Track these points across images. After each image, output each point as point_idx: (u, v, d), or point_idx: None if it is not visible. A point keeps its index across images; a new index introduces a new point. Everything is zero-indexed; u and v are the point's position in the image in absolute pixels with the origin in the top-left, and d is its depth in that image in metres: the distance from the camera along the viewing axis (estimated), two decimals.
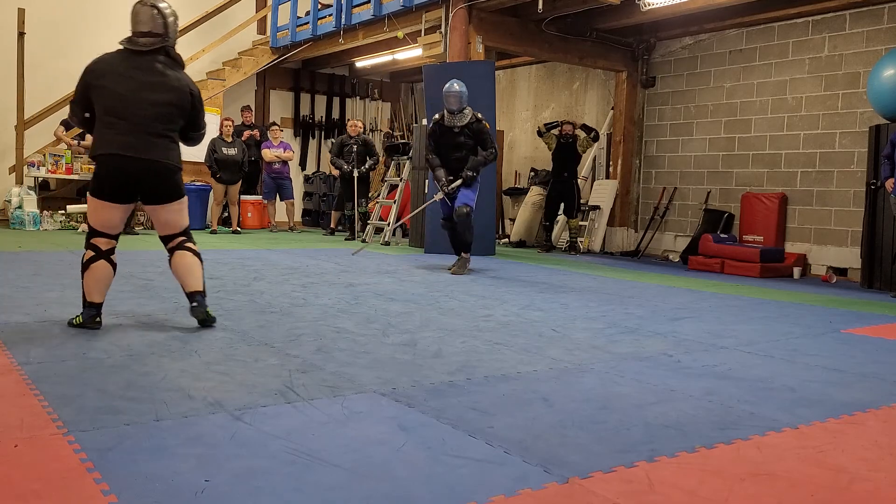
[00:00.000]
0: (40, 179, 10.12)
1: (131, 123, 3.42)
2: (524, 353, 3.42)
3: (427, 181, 8.74)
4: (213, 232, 10.38)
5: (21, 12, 9.98)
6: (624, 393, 2.79)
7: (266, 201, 11.35)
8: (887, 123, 7.12)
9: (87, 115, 3.54)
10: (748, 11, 8.49)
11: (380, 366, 3.05)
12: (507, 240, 11.08)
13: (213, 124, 11.14)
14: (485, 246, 8.59)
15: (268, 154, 10.99)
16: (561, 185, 9.67)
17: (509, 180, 12.00)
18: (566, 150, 9.65)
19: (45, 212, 9.88)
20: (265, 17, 12.24)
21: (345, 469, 1.91)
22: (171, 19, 3.54)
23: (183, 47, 12.39)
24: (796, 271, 8.23)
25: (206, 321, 3.64)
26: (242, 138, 10.79)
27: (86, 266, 3.49)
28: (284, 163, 11.11)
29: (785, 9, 8.34)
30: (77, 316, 3.55)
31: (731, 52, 9.30)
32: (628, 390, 2.84)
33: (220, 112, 11.50)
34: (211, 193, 10.74)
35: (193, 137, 3.73)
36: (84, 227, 9.76)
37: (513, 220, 11.41)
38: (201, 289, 3.62)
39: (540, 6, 8.20)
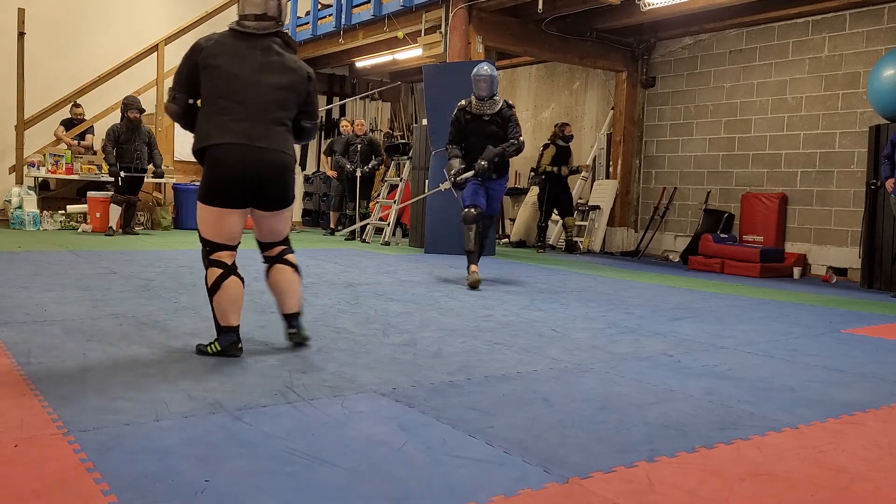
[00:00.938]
0: (40, 179, 10.12)
1: (249, 109, 3.01)
2: (524, 353, 3.42)
3: (427, 180, 8.73)
4: None
5: (21, 12, 9.98)
6: (624, 393, 2.79)
7: None
8: (887, 123, 7.12)
9: (190, 101, 3.14)
10: (748, 11, 8.49)
11: (380, 366, 3.05)
12: (507, 240, 11.08)
13: None
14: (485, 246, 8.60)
15: None
16: (559, 186, 9.71)
17: (509, 180, 11.99)
18: (566, 151, 9.73)
19: (44, 212, 9.88)
20: None
21: (345, 469, 1.91)
22: (284, 0, 3.19)
23: (183, 47, 12.42)
24: (796, 271, 8.23)
25: (303, 343, 3.32)
26: None
27: (216, 286, 3.03)
28: None
29: (785, 9, 8.34)
30: (211, 343, 3.08)
31: (731, 52, 9.30)
32: (628, 390, 2.84)
33: None
34: None
35: (308, 130, 3.30)
36: (85, 226, 9.76)
37: (513, 220, 11.41)
38: (298, 310, 3.30)
39: (540, 6, 8.20)
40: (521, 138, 5.93)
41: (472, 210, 5.80)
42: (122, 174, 9.09)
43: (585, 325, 4.24)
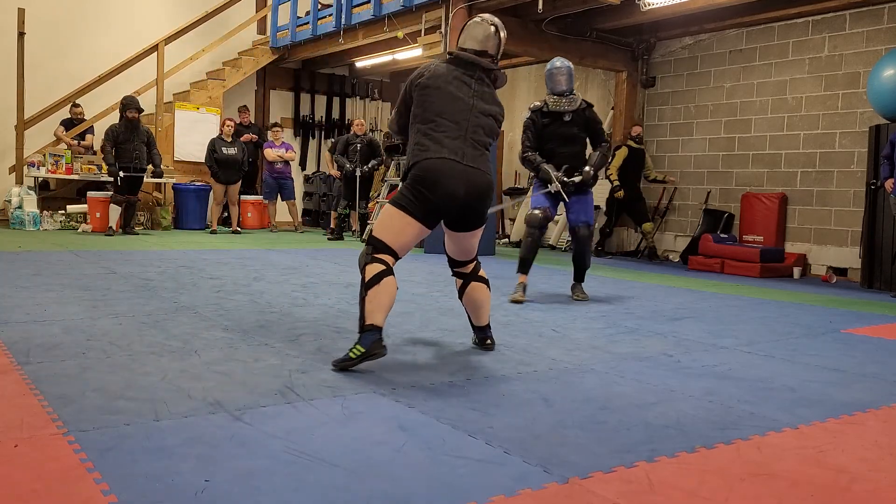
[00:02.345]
0: (40, 179, 10.11)
1: (462, 129, 3.14)
2: (524, 353, 3.42)
3: None
4: (213, 232, 10.38)
5: (21, 12, 9.98)
6: (624, 393, 2.79)
7: (267, 201, 11.36)
8: (887, 123, 7.12)
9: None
10: (748, 11, 8.49)
11: (380, 366, 3.04)
12: (507, 240, 11.07)
13: (213, 124, 11.18)
14: (485, 246, 8.60)
15: (270, 154, 11.00)
16: (632, 191, 9.37)
17: (509, 180, 12.00)
18: (640, 153, 9.44)
19: (44, 212, 9.88)
20: (265, 17, 12.24)
21: (345, 469, 1.91)
22: (503, 35, 3.34)
23: (183, 47, 12.33)
24: (796, 271, 8.23)
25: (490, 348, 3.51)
26: (241, 139, 10.79)
27: (374, 281, 2.94)
28: (286, 163, 11.11)
29: (785, 9, 8.34)
30: (353, 348, 2.89)
31: (731, 52, 9.30)
32: (628, 390, 2.84)
33: (221, 112, 11.51)
34: (211, 193, 10.75)
35: None
36: (85, 226, 9.76)
37: (513, 220, 11.41)
38: (488, 321, 3.52)
39: (540, 6, 8.19)
40: (608, 140, 5.50)
41: (538, 212, 5.26)
42: (121, 174, 9.09)
43: (585, 325, 4.24)
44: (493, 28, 3.30)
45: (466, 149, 3.13)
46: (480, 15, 3.40)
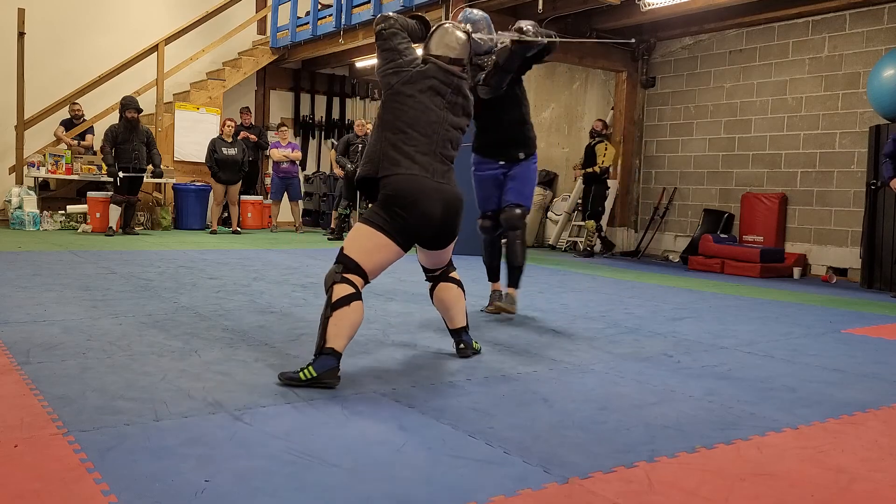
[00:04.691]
0: (40, 179, 10.11)
1: (433, 143, 2.98)
2: (524, 354, 3.42)
3: None
4: (213, 232, 10.38)
5: (21, 12, 9.98)
6: (624, 393, 2.79)
7: (272, 201, 11.37)
8: (887, 123, 7.12)
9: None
10: (748, 11, 8.49)
11: (380, 366, 3.05)
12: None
13: (212, 124, 11.18)
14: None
15: (276, 154, 11.02)
16: (586, 184, 9.63)
17: None
18: (589, 149, 9.57)
19: (45, 212, 9.88)
20: (265, 17, 12.25)
21: (345, 469, 1.91)
22: (472, 42, 3.23)
23: (183, 47, 12.29)
24: (796, 271, 8.23)
25: (472, 356, 3.32)
26: (238, 138, 10.81)
27: (342, 303, 2.73)
28: (293, 162, 11.11)
29: (785, 9, 8.34)
30: (305, 368, 2.67)
31: (731, 52, 9.30)
32: (628, 390, 2.84)
33: (221, 112, 11.51)
34: (211, 193, 10.75)
35: None
36: (85, 227, 9.76)
37: None
38: (465, 324, 3.29)
39: (540, 6, 8.19)
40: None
41: (487, 222, 4.60)
42: (121, 174, 9.09)
43: (585, 325, 4.24)
44: (465, 36, 3.18)
45: (435, 164, 2.97)
46: (449, 21, 3.27)
